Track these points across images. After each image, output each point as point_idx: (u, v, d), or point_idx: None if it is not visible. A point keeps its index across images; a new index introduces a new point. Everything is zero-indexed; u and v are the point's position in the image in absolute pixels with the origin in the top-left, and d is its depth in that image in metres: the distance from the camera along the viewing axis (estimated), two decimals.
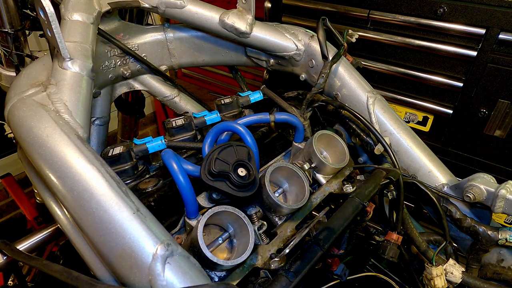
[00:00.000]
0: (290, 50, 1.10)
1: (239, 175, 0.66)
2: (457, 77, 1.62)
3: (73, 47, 0.77)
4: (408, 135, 0.99)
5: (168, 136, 0.92)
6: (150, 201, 0.76)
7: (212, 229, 0.69)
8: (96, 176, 0.58)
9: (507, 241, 0.85)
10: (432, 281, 0.84)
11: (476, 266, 0.93)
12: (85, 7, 0.88)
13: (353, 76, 1.04)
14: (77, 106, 0.70)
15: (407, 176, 0.97)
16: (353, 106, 1.03)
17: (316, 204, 0.82)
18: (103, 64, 1.07)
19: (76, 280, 0.52)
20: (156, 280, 0.50)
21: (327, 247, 0.66)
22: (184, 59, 1.26)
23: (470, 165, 1.72)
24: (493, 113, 1.56)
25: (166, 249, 0.52)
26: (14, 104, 0.70)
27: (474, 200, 0.85)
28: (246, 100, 1.06)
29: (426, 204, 0.98)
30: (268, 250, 0.69)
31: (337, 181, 0.88)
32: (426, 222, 1.29)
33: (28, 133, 0.64)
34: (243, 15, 1.05)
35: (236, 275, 0.63)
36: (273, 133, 1.05)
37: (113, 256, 0.54)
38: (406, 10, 1.63)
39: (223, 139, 0.85)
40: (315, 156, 0.85)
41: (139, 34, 1.17)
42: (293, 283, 0.58)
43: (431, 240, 0.95)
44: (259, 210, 0.75)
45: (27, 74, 0.79)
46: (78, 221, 0.58)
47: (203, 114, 0.95)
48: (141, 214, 0.55)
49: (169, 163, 0.65)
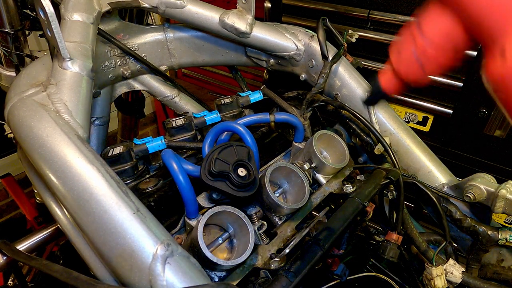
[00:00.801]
0: (290, 50, 1.10)
1: (239, 175, 0.66)
2: (457, 77, 1.62)
3: (73, 47, 0.77)
4: (408, 135, 0.99)
5: (168, 136, 0.92)
6: (150, 201, 0.76)
7: (212, 229, 0.69)
8: (96, 176, 0.58)
9: (507, 241, 0.85)
10: (432, 281, 0.83)
11: (476, 266, 0.93)
12: (85, 7, 0.88)
13: (353, 76, 1.04)
14: (77, 106, 0.70)
15: (407, 176, 0.97)
16: (353, 106, 1.03)
17: (316, 204, 0.82)
18: (103, 64, 1.07)
19: (76, 280, 0.52)
20: (156, 280, 0.50)
21: (327, 247, 0.66)
22: (184, 59, 1.26)
23: (470, 165, 1.71)
24: (493, 113, 1.56)
25: (166, 249, 0.52)
26: (14, 104, 0.70)
27: (474, 200, 0.85)
28: (246, 100, 1.06)
29: (426, 204, 0.98)
30: (268, 250, 0.69)
31: (337, 181, 0.88)
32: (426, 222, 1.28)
33: (28, 133, 0.64)
34: (243, 15, 1.05)
35: (236, 275, 0.63)
36: (273, 133, 1.05)
37: (113, 256, 0.54)
38: (406, 10, 1.63)
39: (223, 139, 0.85)
40: (315, 156, 0.85)
41: (139, 34, 1.17)
42: (293, 283, 0.58)
43: (431, 240, 0.95)
44: (259, 210, 0.75)
45: (27, 74, 0.79)
46: (78, 221, 0.58)
47: (203, 114, 0.94)
48: (141, 214, 0.55)
49: (169, 163, 0.65)
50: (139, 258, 0.52)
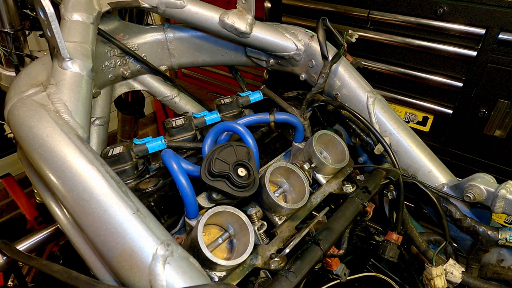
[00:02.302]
0: (290, 50, 1.10)
1: (239, 175, 0.66)
2: (457, 77, 1.62)
3: (73, 47, 0.77)
4: (408, 135, 0.99)
5: (168, 136, 0.92)
6: (150, 201, 0.76)
7: (212, 229, 0.69)
8: (96, 176, 0.58)
9: (507, 241, 0.85)
10: (432, 281, 0.84)
11: (476, 266, 0.93)
12: (85, 7, 0.88)
13: (353, 76, 1.04)
14: (77, 106, 0.70)
15: (407, 176, 0.97)
16: (353, 106, 1.03)
17: (316, 204, 0.82)
18: (103, 64, 1.07)
19: (76, 280, 0.52)
20: (156, 280, 0.50)
21: (327, 247, 0.66)
22: (184, 59, 1.26)
23: (470, 165, 1.72)
24: (493, 113, 1.56)
25: (166, 249, 0.52)
26: (14, 104, 0.70)
27: (474, 200, 0.85)
28: (246, 100, 1.06)
29: (426, 204, 0.98)
30: (268, 250, 0.69)
31: (337, 181, 0.88)
32: (426, 222, 1.29)
33: (28, 133, 0.64)
34: (243, 15, 1.05)
35: (236, 275, 0.63)
36: (273, 133, 1.05)
37: (113, 256, 0.54)
38: (406, 10, 1.63)
39: (223, 139, 0.85)
40: (315, 156, 0.85)
41: (139, 34, 1.17)
42: (293, 283, 0.58)
43: (431, 240, 0.95)
44: (259, 210, 0.75)
45: (27, 74, 0.79)
46: (78, 221, 0.58)
47: (203, 114, 0.94)
48: (141, 214, 0.55)
49: (169, 163, 0.65)
50: (139, 258, 0.52)
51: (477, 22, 1.47)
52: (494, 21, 1.43)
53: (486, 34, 1.47)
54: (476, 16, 1.46)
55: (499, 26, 1.42)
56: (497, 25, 1.43)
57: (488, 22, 1.44)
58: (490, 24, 1.44)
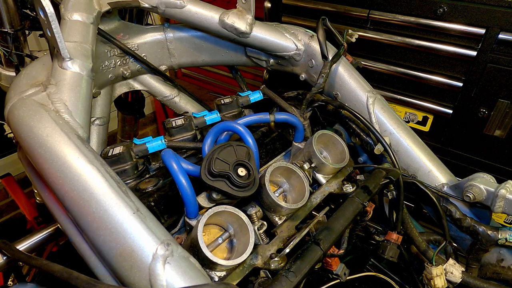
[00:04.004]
0: (290, 50, 1.10)
1: (239, 175, 0.66)
2: (457, 77, 1.62)
3: (73, 47, 0.77)
4: (408, 135, 0.99)
5: (168, 136, 0.92)
6: (150, 201, 0.76)
7: (212, 229, 0.69)
8: (96, 176, 0.58)
9: (507, 241, 0.85)
10: (432, 281, 0.84)
11: (476, 266, 0.93)
12: (85, 7, 0.88)
13: (353, 76, 1.04)
14: (77, 106, 0.70)
15: (407, 176, 0.97)
16: (353, 106, 1.03)
17: (316, 204, 0.82)
18: (103, 64, 1.07)
19: (76, 280, 0.52)
20: (156, 280, 0.50)
21: (327, 247, 0.66)
22: (184, 59, 1.26)
23: (470, 165, 1.72)
24: (493, 113, 1.56)
25: (166, 249, 0.52)
26: (14, 104, 0.70)
27: (474, 200, 0.86)
28: (246, 100, 1.06)
29: (426, 204, 0.98)
30: (268, 250, 0.69)
31: (337, 181, 0.88)
32: (426, 222, 1.29)
33: (28, 133, 0.64)
34: (243, 15, 1.05)
35: (236, 275, 0.63)
36: (273, 133, 1.05)
37: (113, 256, 0.54)
38: (406, 10, 1.63)
39: (223, 139, 0.85)
40: (315, 156, 0.85)
41: (139, 34, 1.17)
42: (293, 283, 0.58)
43: (431, 240, 0.95)
44: (259, 210, 0.75)
45: (27, 74, 0.79)
46: (78, 221, 0.58)
47: (203, 114, 0.95)
48: (141, 214, 0.55)
49: (169, 163, 0.65)
50: (139, 258, 0.52)
51: (477, 22, 1.47)
52: (494, 21, 1.43)
53: (486, 34, 1.47)
54: (476, 16, 1.46)
55: (499, 26, 1.42)
56: (497, 25, 1.43)
57: (488, 22, 1.44)
58: (490, 24, 1.44)
